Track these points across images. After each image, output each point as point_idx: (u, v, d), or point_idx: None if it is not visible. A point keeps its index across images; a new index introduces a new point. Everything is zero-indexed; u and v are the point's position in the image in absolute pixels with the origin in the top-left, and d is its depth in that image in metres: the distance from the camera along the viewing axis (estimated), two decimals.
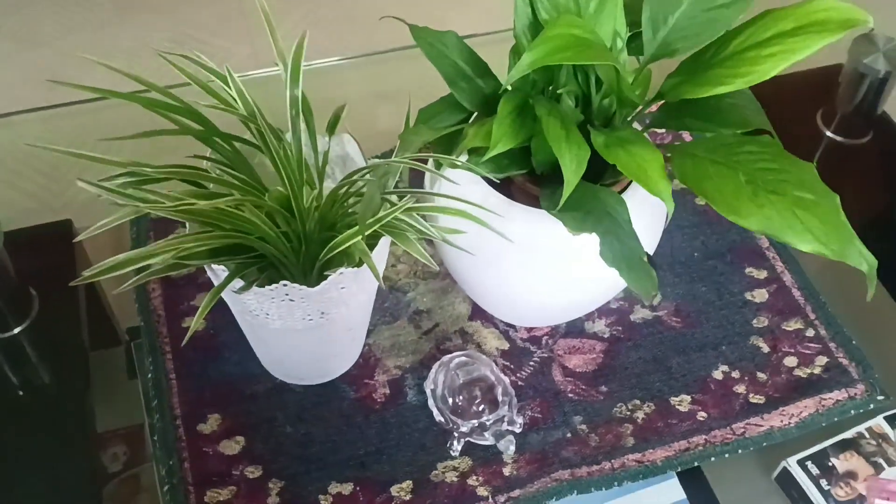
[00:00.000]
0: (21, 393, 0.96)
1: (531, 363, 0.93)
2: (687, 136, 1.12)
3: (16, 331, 0.98)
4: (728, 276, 1.01)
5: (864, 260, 0.65)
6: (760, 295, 1.00)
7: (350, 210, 0.77)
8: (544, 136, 0.69)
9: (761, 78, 0.68)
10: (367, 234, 0.69)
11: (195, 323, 0.68)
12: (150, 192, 0.69)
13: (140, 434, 0.90)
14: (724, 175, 0.69)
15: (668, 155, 0.73)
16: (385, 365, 0.93)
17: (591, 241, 0.71)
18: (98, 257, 1.00)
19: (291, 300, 0.73)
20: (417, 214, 0.73)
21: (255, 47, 1.61)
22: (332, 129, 0.82)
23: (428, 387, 0.89)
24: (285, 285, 0.71)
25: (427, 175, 0.85)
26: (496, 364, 0.92)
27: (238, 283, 0.72)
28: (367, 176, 0.69)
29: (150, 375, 0.91)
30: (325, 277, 0.72)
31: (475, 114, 0.80)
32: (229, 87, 0.74)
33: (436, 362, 0.90)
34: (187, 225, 0.73)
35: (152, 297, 0.97)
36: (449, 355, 0.90)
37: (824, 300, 0.99)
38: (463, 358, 0.89)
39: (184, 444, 0.86)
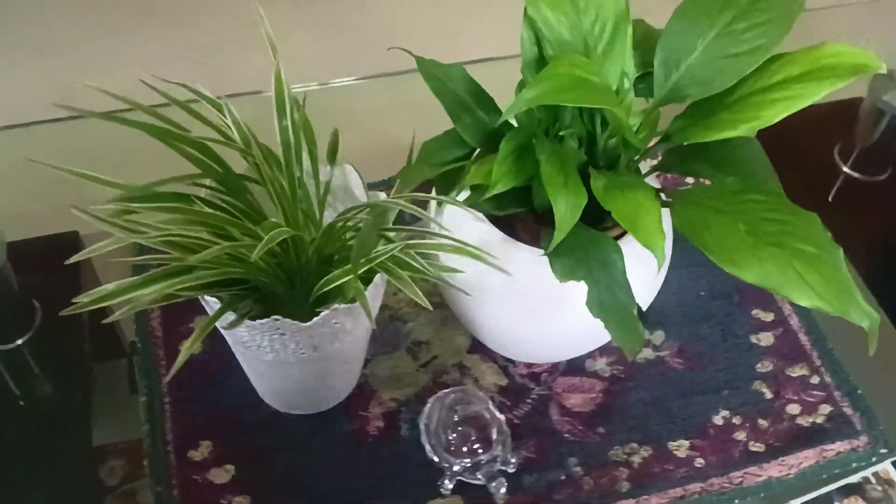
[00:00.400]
0: (21, 404, 0.95)
1: (529, 400, 0.92)
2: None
3: (18, 342, 0.98)
4: (734, 317, 1.00)
5: (865, 316, 0.63)
6: (766, 338, 0.98)
7: (348, 243, 0.76)
8: None
9: (765, 123, 0.67)
10: (362, 271, 0.68)
11: (182, 357, 0.68)
12: (140, 222, 0.69)
13: (139, 448, 0.89)
14: (724, 225, 0.67)
15: (671, 200, 0.72)
16: (381, 397, 0.92)
17: None
18: (104, 269, 1.00)
19: (283, 334, 0.72)
20: (415, 252, 0.72)
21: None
22: (332, 157, 0.81)
23: (422, 422, 0.87)
24: (276, 320, 0.70)
25: (431, 208, 0.85)
26: (493, 401, 0.91)
27: (230, 316, 0.71)
28: (364, 214, 0.68)
29: (143, 399, 0.90)
30: (319, 313, 0.71)
31: (478, 149, 0.79)
32: (224, 116, 0.73)
33: (432, 396, 0.89)
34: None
35: (151, 318, 0.96)
36: (445, 391, 0.88)
37: (831, 346, 0.97)
38: (459, 394, 0.88)
39: (174, 470, 0.85)
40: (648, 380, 0.94)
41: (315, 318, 0.71)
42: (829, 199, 1.08)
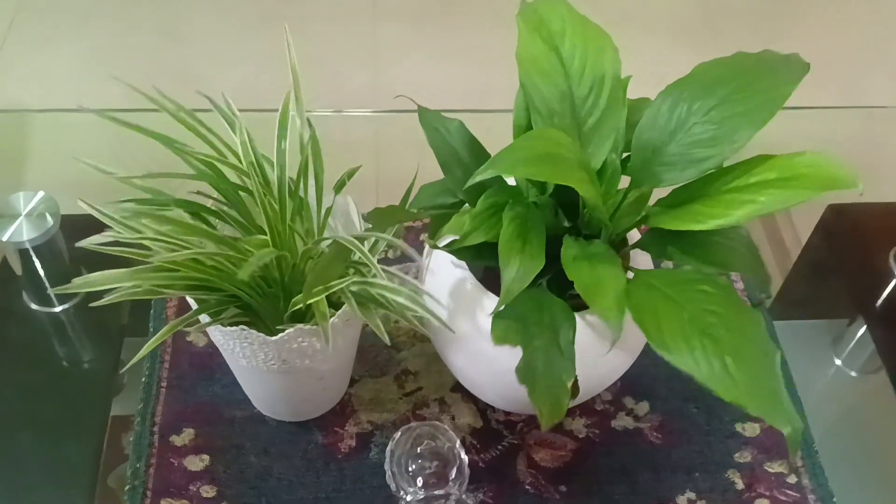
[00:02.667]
0: (50, 367, 1.04)
1: (499, 447, 0.94)
2: None
3: (57, 309, 1.07)
4: (724, 402, 0.99)
5: (788, 422, 0.64)
6: (752, 429, 0.97)
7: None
8: None
9: (730, 223, 0.68)
10: (317, 299, 0.73)
11: (143, 351, 0.74)
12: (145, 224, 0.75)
13: None
14: (669, 311, 0.69)
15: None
16: (359, 417, 0.96)
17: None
18: None
19: (252, 344, 0.78)
20: (373, 289, 0.76)
21: (377, 78, 1.67)
22: (338, 187, 0.86)
23: (389, 448, 0.91)
24: (244, 329, 0.75)
25: (426, 246, 0.89)
26: (464, 441, 0.94)
27: (204, 318, 0.77)
28: (328, 245, 0.73)
29: (143, 379, 0.97)
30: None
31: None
32: (234, 133, 0.79)
33: (406, 425, 0.92)
34: None
35: (168, 305, 1.04)
36: (417, 423, 0.92)
37: (817, 448, 0.95)
38: (428, 428, 0.91)
39: (154, 450, 0.92)
40: (622, 448, 0.95)
41: (280, 334, 0.76)
42: (877, 306, 1.06)
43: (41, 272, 1.05)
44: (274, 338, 0.76)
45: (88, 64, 1.65)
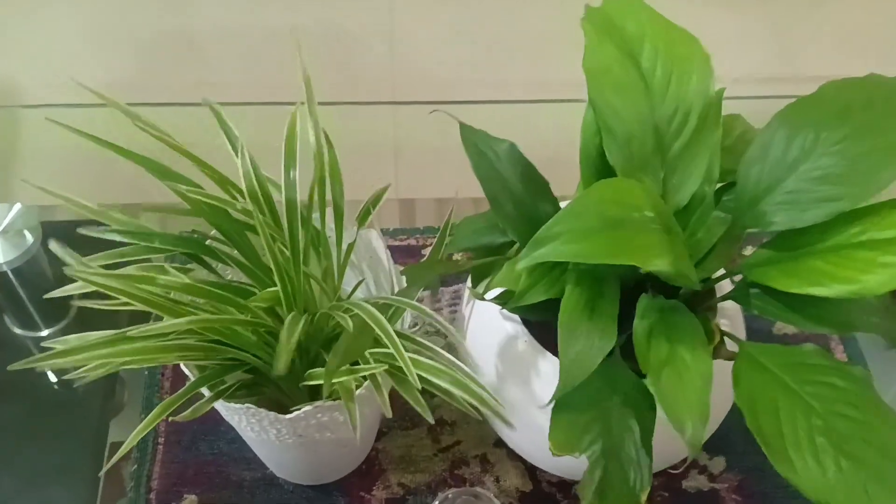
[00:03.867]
0: (39, 394, 0.91)
1: None
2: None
3: (44, 332, 0.94)
4: None
5: None
6: None
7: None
8: None
9: (867, 292, 0.53)
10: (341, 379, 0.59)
11: (132, 440, 0.60)
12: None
13: None
14: (793, 410, 0.54)
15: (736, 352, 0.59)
16: (388, 479, 0.82)
17: None
18: None
19: (261, 421, 0.64)
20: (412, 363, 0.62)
21: (393, 53, 1.48)
22: (363, 219, 0.72)
23: None
24: (249, 408, 0.62)
25: (466, 293, 0.74)
26: None
27: (205, 392, 0.63)
28: (355, 312, 0.59)
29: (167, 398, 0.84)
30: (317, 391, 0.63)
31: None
32: (237, 159, 0.64)
33: (445, 490, 0.79)
34: None
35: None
36: (455, 490, 0.78)
37: None
38: (469, 498, 0.77)
39: None
40: None
41: (296, 412, 0.62)
42: None
43: (23, 296, 0.92)
44: (288, 416, 0.63)
45: (80, 42, 1.48)
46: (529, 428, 0.70)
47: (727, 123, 0.65)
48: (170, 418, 0.60)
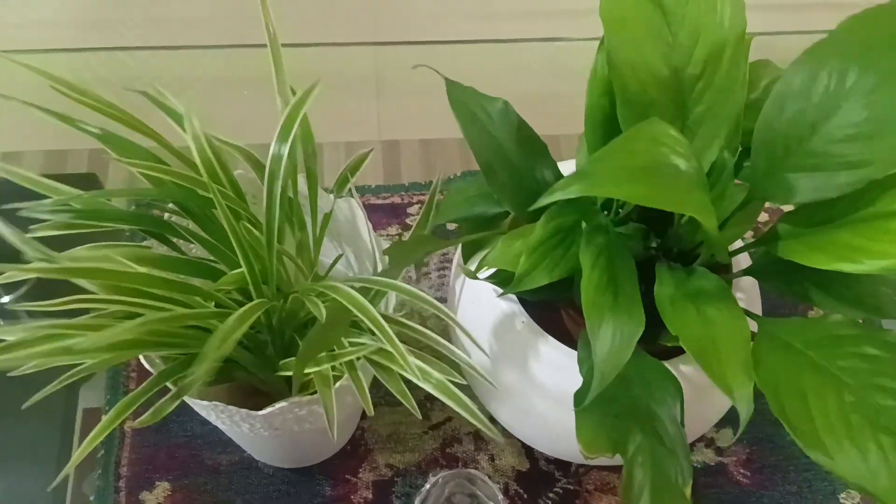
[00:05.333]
0: None
1: (551, 494, 0.76)
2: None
3: (4, 299, 0.88)
4: None
5: None
6: None
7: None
8: None
9: None
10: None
11: (86, 446, 0.54)
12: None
13: None
14: (823, 390, 0.48)
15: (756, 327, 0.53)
16: (375, 460, 0.77)
17: None
18: None
19: (231, 416, 0.58)
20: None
21: None
22: (340, 186, 0.65)
23: (416, 503, 0.72)
24: (217, 405, 0.55)
25: (455, 260, 0.68)
26: (507, 489, 0.75)
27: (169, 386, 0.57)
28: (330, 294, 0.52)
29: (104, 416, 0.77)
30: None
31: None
32: (185, 131, 0.57)
33: (436, 472, 0.74)
34: None
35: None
36: (448, 472, 0.73)
37: None
38: (462, 480, 0.72)
39: None
40: (701, 490, 0.76)
41: (270, 409, 0.56)
42: None
43: None
44: (261, 413, 0.56)
45: None
46: (527, 414, 0.65)
47: (753, 72, 0.58)
48: (126, 425, 0.53)
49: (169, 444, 0.77)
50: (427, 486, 0.73)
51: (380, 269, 0.65)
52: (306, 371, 0.54)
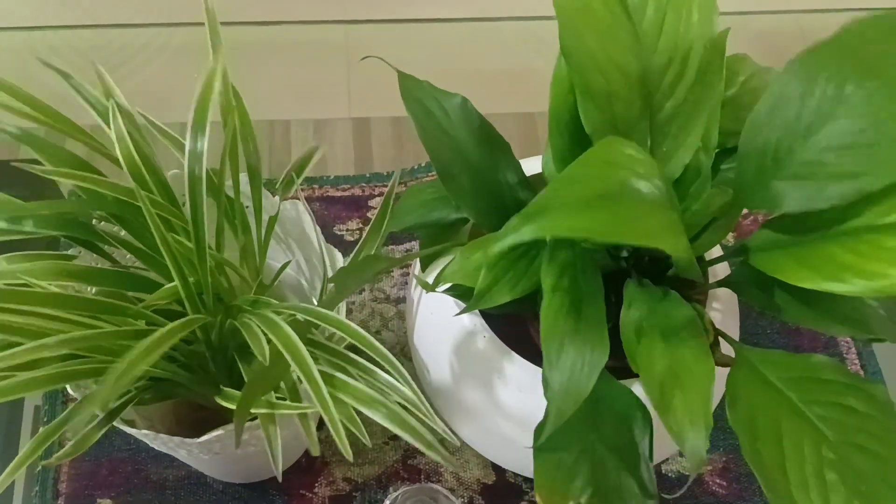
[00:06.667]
0: None
1: None
2: None
3: None
4: None
5: None
6: None
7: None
8: None
9: (891, 290, 0.43)
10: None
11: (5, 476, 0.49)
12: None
13: None
14: (797, 437, 0.44)
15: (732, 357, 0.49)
16: (332, 473, 0.72)
17: None
18: None
19: (165, 444, 0.53)
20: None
21: None
22: (285, 188, 0.60)
23: None
24: (147, 434, 0.51)
25: (412, 269, 0.63)
26: (471, 503, 0.71)
27: (95, 415, 0.52)
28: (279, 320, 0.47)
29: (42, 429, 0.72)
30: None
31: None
32: (109, 127, 0.51)
33: (397, 486, 0.70)
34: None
35: None
36: (410, 487, 0.68)
37: None
38: (422, 498, 0.68)
39: None
40: (676, 501, 0.73)
41: (206, 436, 0.51)
42: None
43: None
44: (197, 440, 0.52)
45: None
46: (489, 433, 0.60)
47: (731, 67, 0.53)
48: (42, 464, 0.49)
49: (111, 458, 0.72)
50: (386, 502, 0.68)
51: (330, 274, 0.60)
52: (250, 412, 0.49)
